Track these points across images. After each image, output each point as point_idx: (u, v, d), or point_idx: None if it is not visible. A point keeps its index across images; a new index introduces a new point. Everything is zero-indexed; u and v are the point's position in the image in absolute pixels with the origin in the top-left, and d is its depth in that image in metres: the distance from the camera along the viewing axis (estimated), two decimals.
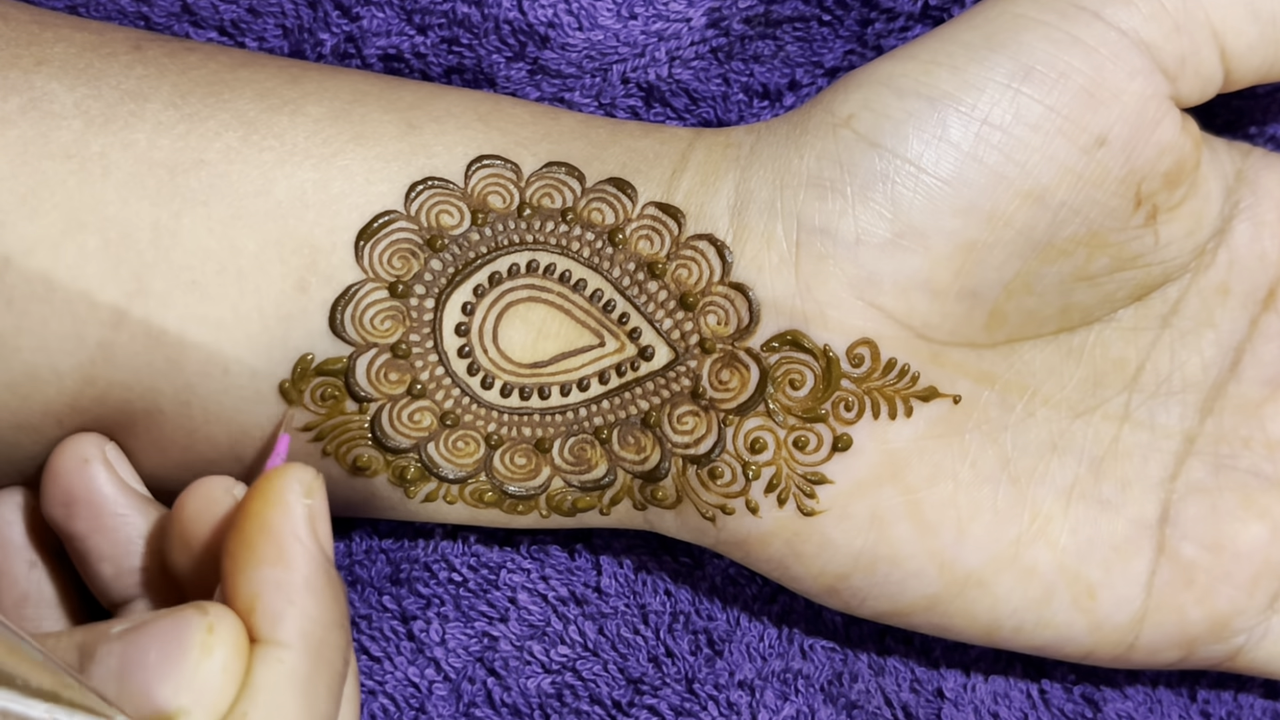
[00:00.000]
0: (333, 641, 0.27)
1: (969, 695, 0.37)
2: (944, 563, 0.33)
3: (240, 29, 0.37)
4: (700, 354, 0.33)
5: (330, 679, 0.27)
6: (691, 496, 0.33)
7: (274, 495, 0.27)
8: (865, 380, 0.32)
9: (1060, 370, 0.34)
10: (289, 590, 0.26)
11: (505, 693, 0.36)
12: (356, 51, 0.37)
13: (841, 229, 0.32)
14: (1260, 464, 0.35)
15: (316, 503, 0.28)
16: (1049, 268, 0.33)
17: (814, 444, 0.33)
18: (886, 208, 0.31)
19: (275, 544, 0.27)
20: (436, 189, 0.32)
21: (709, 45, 0.37)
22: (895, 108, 0.32)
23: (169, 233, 0.31)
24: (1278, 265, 0.35)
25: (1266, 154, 0.35)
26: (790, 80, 0.38)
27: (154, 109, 0.31)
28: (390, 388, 0.32)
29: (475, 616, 0.36)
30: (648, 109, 0.37)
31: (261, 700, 0.26)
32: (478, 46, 0.37)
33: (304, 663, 0.26)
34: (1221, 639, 0.34)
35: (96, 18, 0.36)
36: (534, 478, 0.33)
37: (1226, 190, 0.34)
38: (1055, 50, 0.31)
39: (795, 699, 0.36)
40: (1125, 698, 0.37)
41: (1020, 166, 0.31)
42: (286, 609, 0.26)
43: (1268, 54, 0.33)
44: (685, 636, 0.37)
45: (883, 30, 0.37)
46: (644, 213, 0.33)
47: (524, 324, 0.33)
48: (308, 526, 0.27)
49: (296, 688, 0.26)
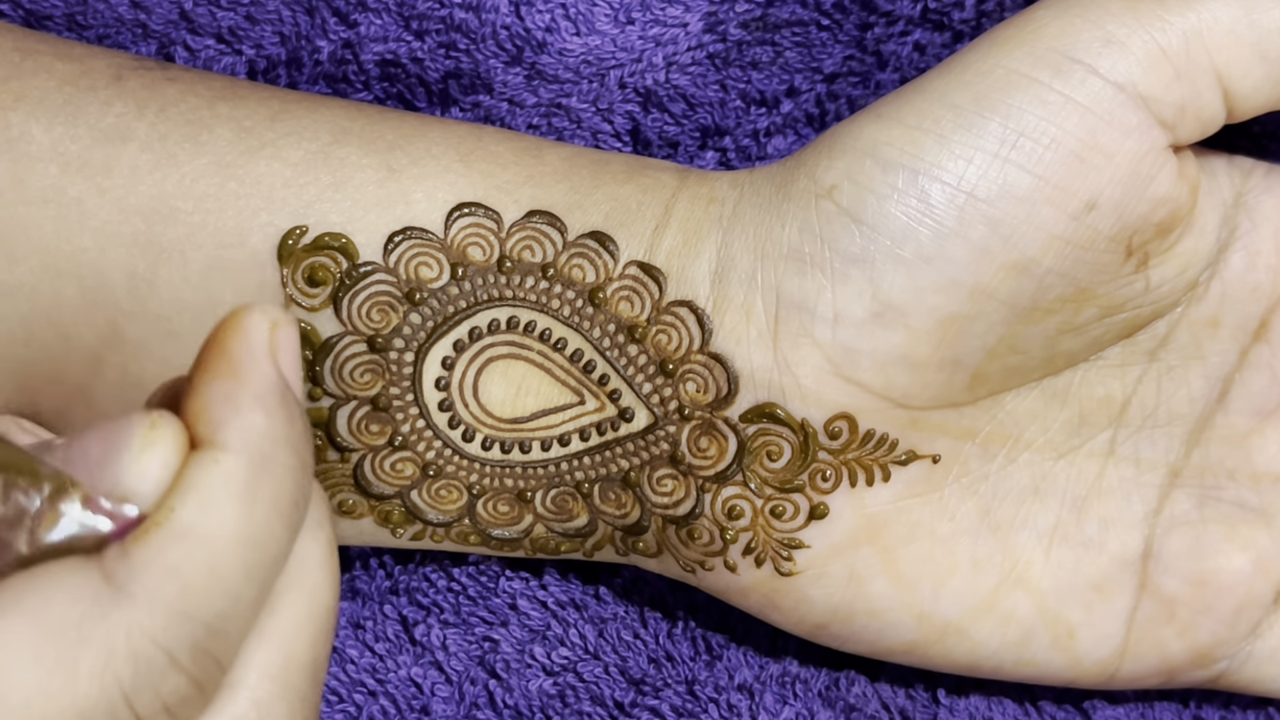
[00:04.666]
0: (282, 459, 0.25)
1: (964, 700, 0.37)
2: (921, 614, 0.33)
3: (238, 36, 0.36)
4: (679, 420, 0.32)
5: (276, 497, 0.25)
6: (671, 551, 0.33)
7: (235, 321, 0.25)
8: (843, 452, 0.32)
9: (1044, 414, 0.34)
10: (236, 400, 0.25)
11: (507, 694, 0.36)
12: (354, 58, 0.37)
13: (820, 306, 0.31)
14: (1245, 495, 0.34)
15: (283, 333, 0.26)
16: (1034, 328, 0.32)
17: (791, 512, 0.32)
18: (866, 286, 0.31)
19: (229, 361, 0.25)
20: (416, 240, 0.32)
21: (706, 51, 0.37)
22: (878, 181, 0.31)
23: (146, 283, 0.31)
24: (1270, 296, 0.33)
25: (1270, 172, 0.34)
26: (789, 86, 0.37)
27: (131, 151, 0.31)
28: (371, 439, 0.32)
29: (475, 622, 0.37)
30: (645, 114, 0.37)
31: (191, 499, 0.24)
32: (475, 52, 0.36)
33: (243, 469, 0.24)
34: (1203, 667, 0.34)
35: (94, 25, 0.36)
36: (517, 524, 0.33)
37: (1223, 218, 0.33)
38: (1047, 114, 0.30)
39: (794, 702, 0.36)
40: (1117, 704, 0.37)
41: (1006, 240, 0.30)
42: (231, 417, 0.24)
43: (1274, 92, 0.31)
44: (684, 640, 0.37)
45: (882, 35, 0.37)
46: (625, 272, 0.32)
47: (504, 380, 0.32)
48: (266, 348, 0.25)
49: (232, 492, 0.24)
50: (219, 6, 0.36)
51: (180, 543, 0.23)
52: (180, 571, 0.23)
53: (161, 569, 0.23)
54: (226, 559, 0.24)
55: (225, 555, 0.24)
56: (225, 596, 0.24)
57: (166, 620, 0.23)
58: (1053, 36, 0.31)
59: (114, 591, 0.23)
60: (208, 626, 0.24)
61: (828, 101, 0.37)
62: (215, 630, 0.24)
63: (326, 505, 0.27)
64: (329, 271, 0.31)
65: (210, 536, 0.24)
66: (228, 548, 0.24)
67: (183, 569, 0.23)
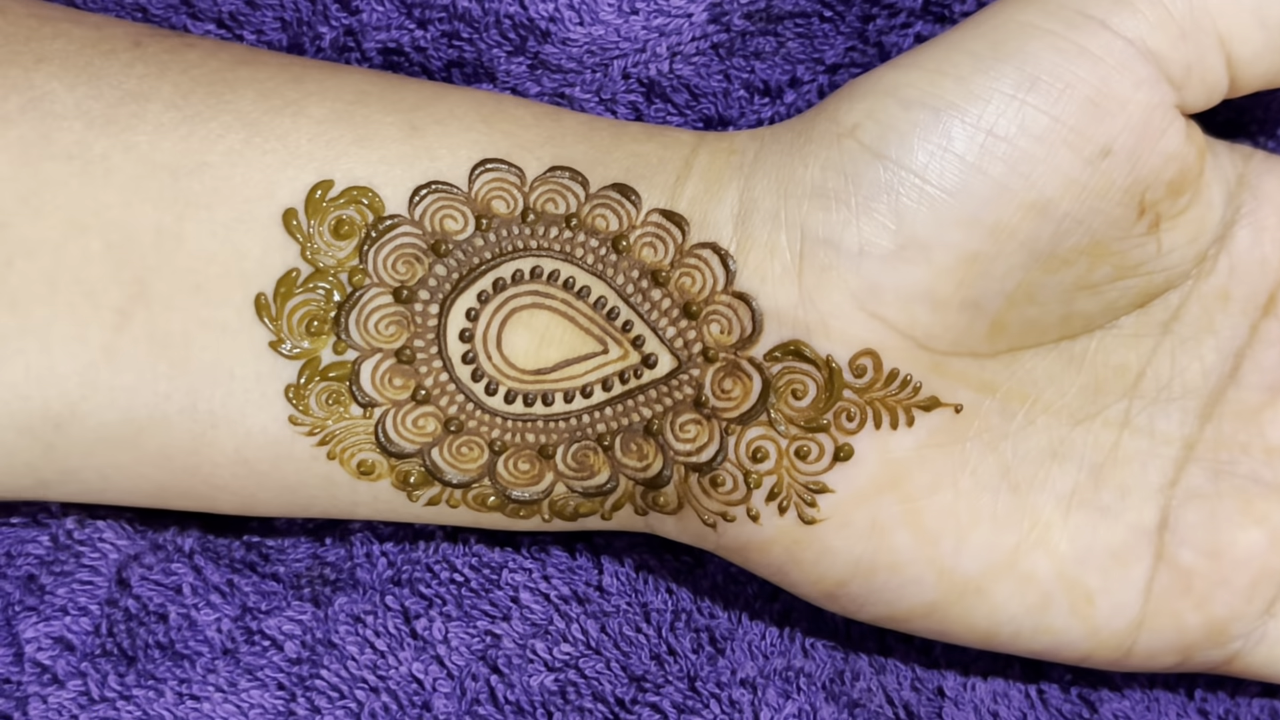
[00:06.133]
0: None
1: (969, 694, 0.37)
2: (942, 570, 0.33)
3: (239, 21, 0.36)
4: (703, 363, 0.33)
5: None
6: (693, 503, 0.33)
7: None
8: (867, 391, 0.32)
9: (1061, 378, 0.34)
10: None
11: (509, 690, 0.36)
12: (356, 45, 0.36)
13: (845, 240, 0.31)
14: (1259, 469, 0.34)
15: None
16: (1051, 277, 0.33)
17: (815, 454, 0.33)
18: (890, 219, 0.31)
19: None
20: (441, 193, 0.32)
21: (710, 41, 0.37)
22: (900, 119, 0.31)
23: (172, 236, 0.31)
24: (1278, 271, 0.34)
25: (1268, 157, 0.35)
26: (791, 77, 0.37)
27: (155, 110, 0.31)
28: (395, 393, 0.32)
29: (478, 616, 0.36)
30: (648, 104, 0.37)
31: None
32: (478, 41, 0.36)
33: None
34: (1218, 644, 0.34)
35: (94, 9, 0.36)
36: (537, 483, 0.33)
37: (1228, 195, 0.34)
38: (1061, 60, 0.31)
39: (797, 697, 0.36)
40: (1123, 696, 0.37)
41: (1025, 178, 0.31)
42: None
43: (1274, 61, 0.32)
44: (687, 635, 0.37)
45: (884, 26, 0.37)
46: (648, 220, 0.33)
47: (528, 330, 0.33)
48: None
49: None
50: None
51: None
52: None
53: None
54: None
55: None
56: None
57: None
58: None
59: None
60: None
61: (830, 92, 0.38)
62: None
63: None
64: (355, 225, 0.32)
65: None
66: None
67: None
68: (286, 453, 0.32)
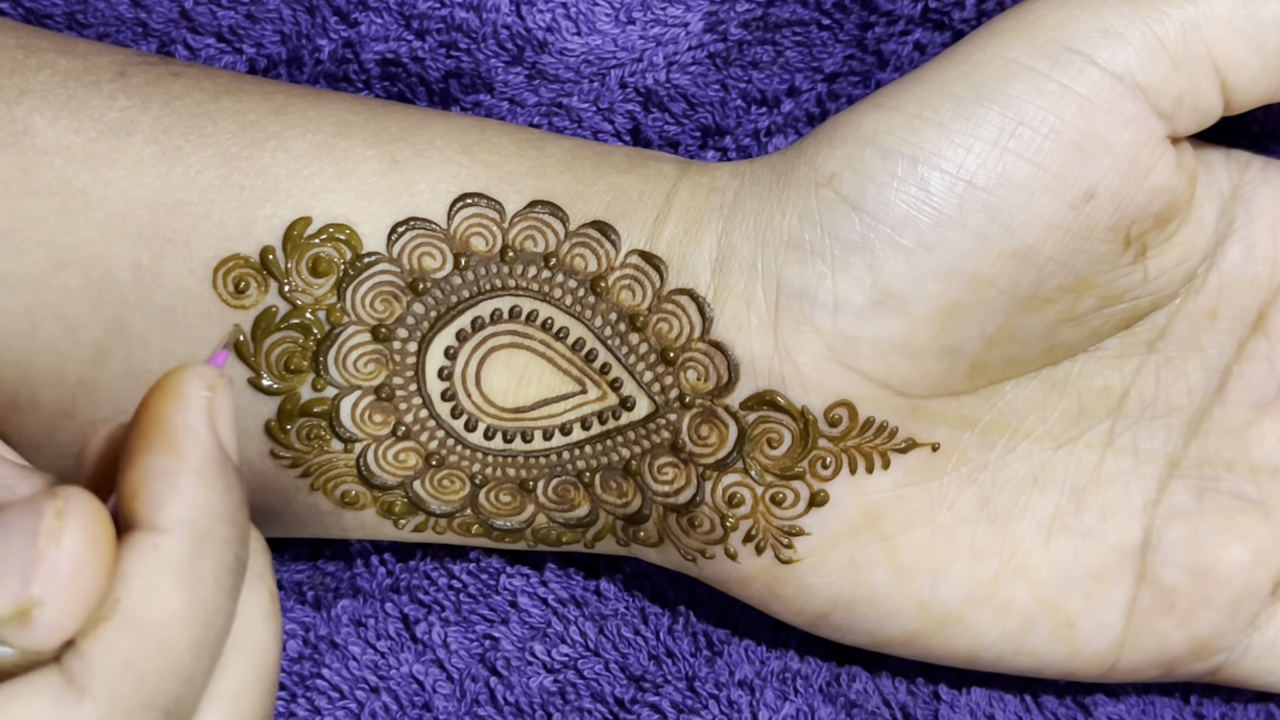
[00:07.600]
0: (221, 534, 0.25)
1: (965, 697, 0.37)
2: (921, 603, 0.33)
3: (238, 35, 0.37)
4: (680, 408, 0.32)
5: (218, 569, 0.24)
6: (673, 539, 0.34)
7: (171, 388, 0.25)
8: (843, 439, 0.32)
9: (1043, 404, 0.34)
10: (175, 478, 0.24)
11: (508, 691, 0.36)
12: (354, 57, 0.37)
13: (820, 295, 0.31)
14: (1244, 486, 0.34)
15: (220, 398, 0.25)
16: (1033, 317, 0.32)
17: (791, 500, 0.33)
18: (866, 274, 0.31)
19: (167, 433, 0.24)
20: (419, 230, 0.32)
21: (707, 50, 0.37)
22: (878, 169, 0.31)
23: (150, 274, 0.31)
24: (1268, 288, 0.34)
25: (1266, 165, 0.34)
26: (789, 86, 0.37)
27: (135, 144, 0.31)
28: (375, 429, 0.33)
29: (476, 619, 0.37)
30: (645, 114, 0.37)
31: (135, 587, 0.23)
32: (476, 51, 0.36)
33: (184, 550, 0.24)
34: (1202, 658, 0.34)
35: (94, 24, 0.36)
36: (519, 514, 0.34)
37: (1221, 210, 0.33)
38: (1046, 104, 0.30)
39: (795, 698, 0.36)
40: (1118, 700, 0.37)
41: (1005, 228, 0.30)
42: (170, 496, 0.24)
43: (1271, 84, 0.31)
44: (685, 637, 0.37)
45: (883, 34, 0.37)
46: (627, 261, 0.32)
47: (506, 369, 0.33)
48: (205, 417, 0.25)
49: (175, 576, 0.24)
50: (219, 5, 0.36)
51: (130, 633, 0.23)
52: (135, 664, 0.23)
53: (116, 663, 0.23)
54: (177, 643, 0.24)
55: (175, 639, 0.24)
56: (179, 679, 0.24)
57: (128, 714, 0.23)
58: (1051, 27, 0.31)
59: (76, 693, 0.23)
60: (166, 711, 0.24)
61: (828, 101, 0.38)
62: (173, 713, 0.24)
63: (267, 556, 0.27)
64: (333, 262, 0.32)
65: (158, 623, 0.24)
66: (176, 631, 0.24)
67: (137, 660, 0.23)
68: (272, 485, 0.33)
